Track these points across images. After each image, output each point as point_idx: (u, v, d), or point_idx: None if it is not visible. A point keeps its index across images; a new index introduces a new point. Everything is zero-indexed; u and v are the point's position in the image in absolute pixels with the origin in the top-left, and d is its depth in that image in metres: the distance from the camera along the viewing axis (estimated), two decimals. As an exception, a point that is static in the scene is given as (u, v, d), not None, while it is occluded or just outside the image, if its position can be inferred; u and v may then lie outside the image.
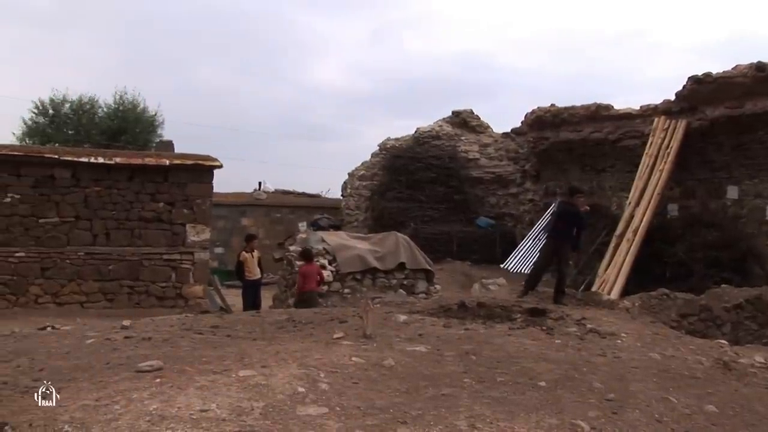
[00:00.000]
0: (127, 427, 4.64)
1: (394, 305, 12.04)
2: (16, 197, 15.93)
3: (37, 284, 15.83)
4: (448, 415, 5.08)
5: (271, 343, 7.72)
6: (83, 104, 36.17)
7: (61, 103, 35.89)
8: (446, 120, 30.30)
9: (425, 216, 26.16)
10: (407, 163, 27.59)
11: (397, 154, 28.72)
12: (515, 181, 27.61)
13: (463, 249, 24.76)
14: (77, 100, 36.16)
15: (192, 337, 8.38)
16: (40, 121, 35.55)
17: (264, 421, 4.82)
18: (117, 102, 36.56)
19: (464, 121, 30.09)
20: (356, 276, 15.41)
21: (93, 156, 16.63)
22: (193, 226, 16.82)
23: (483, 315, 10.18)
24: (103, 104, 36.79)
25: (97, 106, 36.70)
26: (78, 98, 36.23)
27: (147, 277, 16.48)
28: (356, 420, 4.93)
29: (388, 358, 6.78)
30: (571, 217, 12.35)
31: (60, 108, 35.84)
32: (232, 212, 29.75)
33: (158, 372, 6.14)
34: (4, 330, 11.22)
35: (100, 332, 9.20)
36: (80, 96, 36.47)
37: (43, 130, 34.87)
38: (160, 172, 16.77)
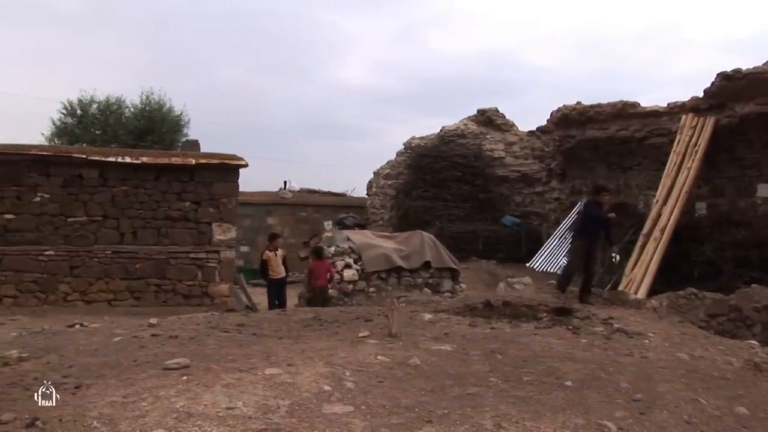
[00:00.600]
0: (155, 423, 4.68)
1: (419, 304, 12.03)
2: (46, 197, 16.08)
3: (66, 282, 15.98)
4: (473, 415, 5.06)
5: (297, 342, 7.74)
6: (110, 104, 36.54)
7: (89, 103, 36.29)
8: (471, 118, 30.21)
9: (450, 215, 26.09)
10: (432, 162, 27.54)
11: (422, 152, 28.66)
12: (541, 180, 27.48)
13: (489, 248, 24.67)
14: (104, 100, 36.60)
15: (218, 336, 8.42)
16: (68, 122, 35.93)
17: (290, 419, 4.83)
18: (143, 102, 36.95)
19: (489, 120, 29.99)
20: (381, 275, 15.40)
21: (120, 156, 16.74)
22: (219, 224, 16.88)
23: (509, 314, 10.14)
24: (130, 104, 37.25)
25: (124, 106, 37.13)
26: (105, 99, 36.69)
27: (173, 275, 16.56)
28: (382, 419, 4.93)
29: (414, 357, 6.78)
30: (597, 217, 12.29)
31: (88, 108, 36.21)
32: (257, 211, 29.86)
33: (185, 370, 6.18)
34: (35, 327, 11.37)
35: (128, 330, 9.28)
36: (107, 96, 36.93)
37: (71, 130, 35.22)
38: (186, 171, 16.85)
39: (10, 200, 15.76)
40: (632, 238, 20.52)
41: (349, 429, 4.72)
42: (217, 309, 14.62)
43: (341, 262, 15.12)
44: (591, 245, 12.36)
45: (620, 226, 20.29)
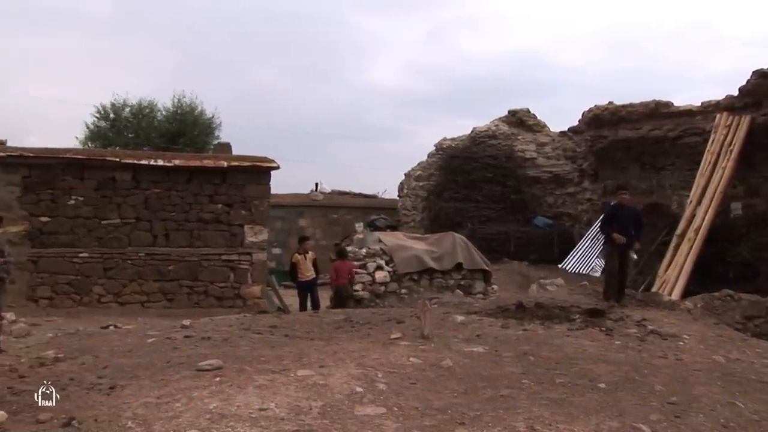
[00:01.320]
0: (188, 424, 4.71)
1: (451, 306, 12.01)
2: (80, 199, 16.25)
3: (100, 284, 16.13)
4: (506, 417, 5.04)
5: (329, 343, 7.76)
6: (143, 108, 36.87)
7: (122, 107, 36.65)
8: (502, 119, 30.10)
9: (482, 216, 25.99)
10: (464, 163, 27.46)
11: (453, 154, 28.59)
12: (573, 181, 27.30)
13: (521, 249, 24.54)
14: (137, 104, 36.94)
15: (251, 337, 8.47)
16: (101, 125, 36.29)
17: (322, 421, 4.84)
18: (175, 105, 37.20)
19: (521, 120, 29.86)
20: (413, 276, 15.37)
21: (153, 158, 16.87)
22: (251, 227, 16.95)
23: (541, 315, 10.08)
24: (162, 108, 37.53)
25: (156, 109, 37.42)
26: (138, 102, 37.02)
27: (206, 277, 16.66)
28: (414, 420, 4.93)
29: (446, 359, 6.77)
30: (622, 217, 12.17)
31: (120, 112, 36.56)
32: (289, 213, 29.94)
33: (218, 371, 6.22)
34: (70, 328, 11.50)
35: (161, 331, 9.36)
36: (140, 100, 37.26)
37: (104, 133, 35.57)
38: (218, 173, 16.95)
39: (46, 203, 15.95)
40: (666, 239, 20.32)
41: (381, 431, 4.72)
42: (250, 311, 14.68)
43: (373, 264, 15.11)
44: (621, 247, 12.11)
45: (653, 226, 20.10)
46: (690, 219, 19.30)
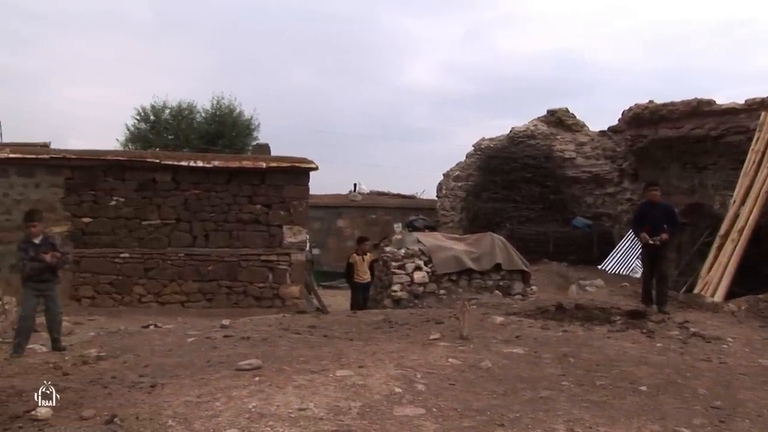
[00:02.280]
0: (228, 423, 4.74)
1: (490, 306, 11.96)
2: (121, 200, 16.45)
3: (140, 284, 16.31)
4: (546, 419, 5.01)
5: (367, 344, 7.76)
6: (182, 110, 37.25)
7: (162, 109, 37.08)
8: (541, 119, 29.88)
9: (521, 216, 25.81)
10: (502, 163, 27.28)
11: (492, 154, 28.44)
12: (612, 180, 26.99)
13: (560, 250, 24.32)
14: (176, 106, 37.35)
15: (290, 337, 8.50)
16: (141, 127, 36.73)
17: (361, 421, 4.85)
18: (214, 107, 37.50)
19: (559, 120, 29.62)
20: (452, 277, 15.31)
21: (192, 160, 17.02)
22: (290, 227, 17.02)
23: (581, 317, 10.00)
24: (201, 109, 37.88)
25: (195, 111, 37.77)
26: (177, 104, 37.45)
27: (245, 277, 16.75)
28: (453, 421, 4.92)
29: (485, 360, 6.74)
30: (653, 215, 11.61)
31: (160, 114, 36.97)
32: (328, 214, 30.04)
33: (257, 371, 6.26)
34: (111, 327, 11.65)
35: (201, 331, 9.44)
36: (179, 102, 37.68)
37: (144, 135, 35.99)
38: (256, 174, 17.03)
39: (88, 204, 16.17)
40: (708, 240, 20.01)
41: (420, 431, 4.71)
42: (288, 311, 14.75)
43: (411, 265, 15.08)
44: (652, 247, 11.51)
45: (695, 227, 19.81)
46: (733, 219, 18.96)
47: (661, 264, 11.72)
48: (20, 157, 16.26)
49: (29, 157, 16.32)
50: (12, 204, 16.05)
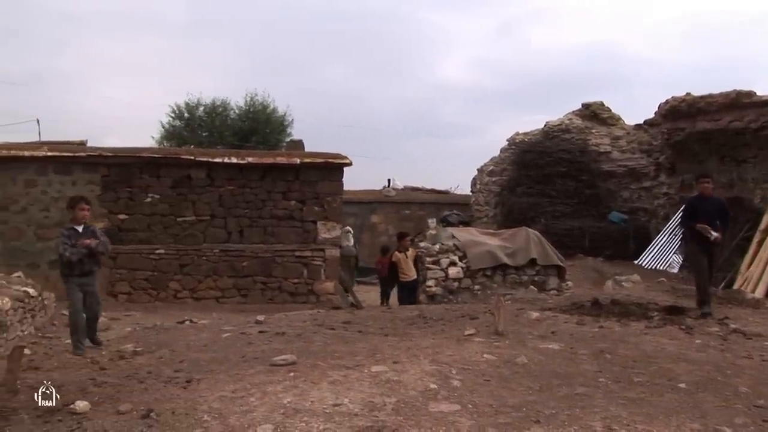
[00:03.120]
0: (263, 419, 4.75)
1: (525, 302, 11.90)
2: (156, 197, 16.59)
3: (176, 280, 16.44)
4: (582, 416, 4.95)
5: (402, 339, 7.75)
6: (216, 107, 37.39)
7: (196, 106, 37.27)
8: (576, 113, 29.61)
9: (556, 211, 25.61)
10: (537, 158, 27.07)
11: (526, 148, 28.24)
12: (649, 175, 26.70)
13: (595, 244, 24.10)
14: (210, 103, 37.48)
15: (324, 333, 8.52)
16: (176, 125, 36.96)
17: (396, 417, 4.83)
18: (248, 104, 37.63)
19: (594, 114, 29.33)
20: (486, 272, 15.23)
21: (227, 156, 17.11)
22: (324, 223, 17.05)
23: (617, 312, 9.91)
24: (235, 106, 37.99)
25: (229, 108, 37.87)
26: (211, 101, 37.57)
27: (279, 273, 16.81)
28: (488, 418, 4.88)
29: (521, 356, 6.70)
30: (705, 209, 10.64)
31: (195, 111, 37.17)
32: (362, 209, 30.05)
33: (292, 366, 6.27)
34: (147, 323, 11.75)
35: (236, 327, 9.49)
36: (213, 99, 37.80)
37: (179, 133, 36.20)
38: (291, 170, 17.08)
39: (124, 201, 16.33)
40: (747, 234, 19.72)
41: (455, 428, 4.68)
42: (323, 306, 14.78)
43: (446, 260, 15.03)
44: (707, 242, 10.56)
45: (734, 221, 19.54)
46: (774, 213, 18.69)
47: (713, 262, 10.98)
48: (58, 155, 16.48)
49: (66, 155, 16.52)
50: (50, 201, 16.28)
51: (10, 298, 10.23)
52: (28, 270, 14.88)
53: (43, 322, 11.63)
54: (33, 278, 13.05)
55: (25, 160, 16.34)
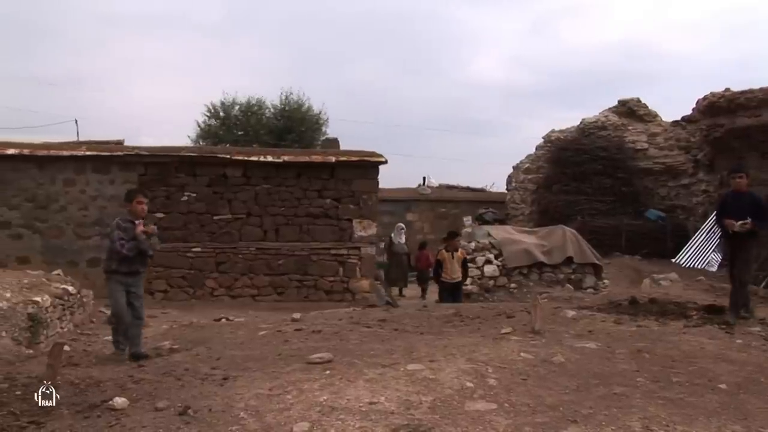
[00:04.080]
0: (299, 417, 4.75)
1: (561, 300, 11.83)
2: (193, 195, 16.72)
3: (212, 278, 16.56)
4: (620, 415, 4.90)
5: (438, 338, 7.73)
6: (251, 106, 37.59)
7: (231, 105, 37.48)
8: (612, 110, 29.38)
9: (592, 209, 25.42)
10: (573, 155, 26.90)
11: (562, 146, 28.08)
12: (687, 172, 26.41)
13: (632, 243, 23.90)
14: (246, 102, 37.70)
15: (360, 331, 8.52)
16: (212, 124, 37.23)
17: (432, 416, 4.81)
18: (283, 102, 37.73)
19: (631, 111, 29.07)
20: (522, 270, 15.19)
21: (262, 155, 17.19)
22: (360, 221, 17.07)
23: (655, 311, 9.79)
24: (270, 105, 38.13)
25: (265, 107, 38.04)
26: (246, 100, 37.78)
27: (315, 271, 16.86)
28: (525, 417, 4.85)
29: (557, 355, 6.64)
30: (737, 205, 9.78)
31: (230, 110, 37.40)
32: (397, 207, 29.99)
33: (328, 364, 6.27)
34: (184, 320, 11.84)
35: (272, 324, 9.52)
36: (248, 98, 38.01)
37: (215, 132, 36.45)
38: (326, 168, 17.13)
39: (161, 200, 16.45)
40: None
41: (492, 427, 4.65)
42: (358, 304, 14.79)
43: (482, 258, 15.00)
44: (735, 244, 9.89)
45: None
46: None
47: (741, 256, 9.96)
48: (96, 154, 16.69)
49: (104, 154, 16.72)
50: (88, 200, 16.49)
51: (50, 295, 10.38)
52: (68, 268, 15.09)
53: (82, 319, 11.78)
54: (72, 276, 13.21)
55: (65, 160, 16.57)
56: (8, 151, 16.42)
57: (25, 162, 16.46)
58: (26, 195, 16.40)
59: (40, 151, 16.69)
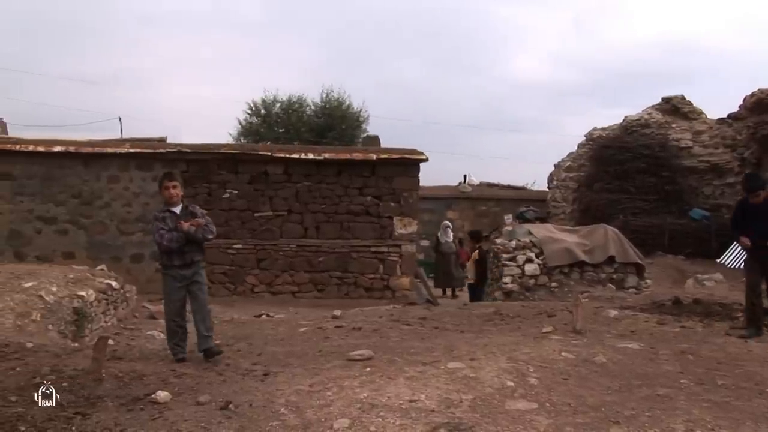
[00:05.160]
0: (339, 413, 4.77)
1: (603, 300, 11.73)
2: (234, 192, 16.85)
3: (253, 274, 16.68)
4: (664, 418, 4.84)
5: (478, 336, 7.70)
6: (292, 103, 37.77)
7: (272, 103, 37.70)
8: (655, 107, 29.01)
9: (635, 208, 25.10)
10: (615, 153, 26.59)
11: (604, 144, 27.79)
12: (733, 170, 25.97)
13: (675, 242, 23.56)
14: (287, 99, 37.90)
15: (401, 328, 8.52)
16: (253, 121, 37.49)
17: (472, 414, 4.80)
18: (323, 100, 37.89)
19: (675, 108, 28.68)
20: (564, 270, 15.02)
21: (303, 152, 17.28)
22: (400, 219, 17.07)
23: (700, 312, 9.66)
24: (311, 102, 38.29)
25: (305, 104, 38.20)
26: (287, 98, 37.99)
27: (355, 268, 16.90)
28: (566, 417, 4.81)
29: (599, 355, 6.59)
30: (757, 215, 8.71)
31: (271, 108, 37.61)
32: (437, 205, 29.93)
33: (368, 361, 6.28)
34: (225, 316, 11.93)
35: (312, 321, 9.56)
36: (289, 96, 38.22)
37: (256, 129, 36.68)
38: (367, 166, 17.15)
39: (202, 197, 16.60)
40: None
41: (532, 426, 4.63)
42: (398, 302, 14.80)
43: (522, 256, 14.87)
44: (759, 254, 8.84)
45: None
46: None
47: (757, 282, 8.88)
48: (139, 151, 16.90)
49: (147, 151, 16.93)
50: (132, 197, 16.72)
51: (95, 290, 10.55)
52: (111, 263, 15.33)
53: (125, 313, 11.94)
54: (115, 271, 13.41)
55: (109, 157, 16.82)
56: (55, 148, 16.72)
57: (71, 159, 16.74)
58: (72, 191, 16.68)
59: (85, 148, 16.95)
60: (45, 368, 6.07)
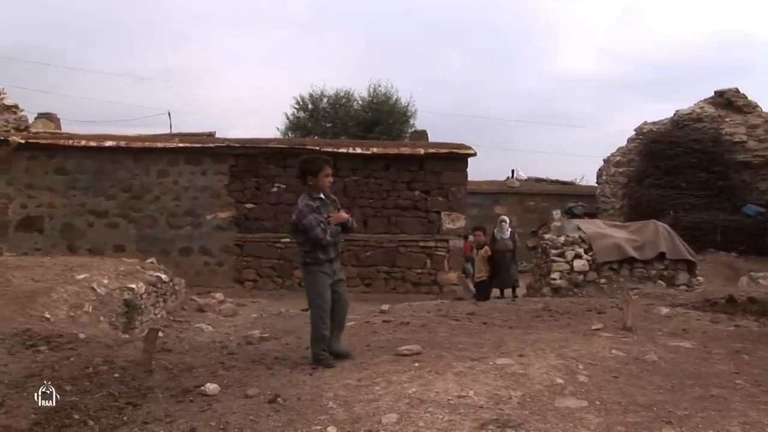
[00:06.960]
0: (387, 408, 4.76)
1: (653, 297, 11.55)
2: (282, 187, 16.98)
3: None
4: (718, 419, 4.72)
5: (527, 332, 7.63)
6: (339, 98, 38.00)
7: (320, 98, 38.00)
8: (708, 101, 28.49)
9: (686, 204, 24.71)
10: (666, 148, 26.19)
11: (654, 138, 27.37)
12: (789, 166, 25.48)
13: (728, 239, 23.14)
14: (334, 94, 38.19)
15: (449, 324, 8.48)
16: (300, 116, 37.78)
17: (521, 411, 4.76)
18: (371, 95, 38.09)
19: (728, 102, 28.13)
20: (613, 266, 14.83)
21: (351, 147, 17.34)
22: (448, 213, 17.05)
23: (755, 311, 9.44)
24: (358, 97, 38.57)
25: (353, 99, 38.45)
26: (335, 93, 38.28)
27: (403, 263, 16.91)
28: (617, 416, 4.74)
29: (650, 353, 6.48)
30: None
31: (318, 103, 37.89)
32: (485, 200, 29.82)
33: (417, 356, 6.26)
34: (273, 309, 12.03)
35: (360, 316, 9.56)
36: (337, 90, 38.49)
37: (303, 124, 36.97)
38: (414, 161, 17.14)
39: (251, 191, 16.76)
40: None
41: (582, 425, 4.57)
42: (446, 297, 14.76)
43: (571, 252, 14.72)
44: None
45: None
46: None
47: None
48: (188, 146, 17.12)
49: (196, 146, 17.13)
50: (181, 191, 16.93)
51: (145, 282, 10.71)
52: (161, 256, 15.55)
53: (174, 306, 12.10)
54: (164, 264, 13.61)
55: (159, 152, 17.07)
56: (106, 143, 17.01)
57: (122, 154, 17.02)
58: (122, 185, 16.97)
59: (135, 143, 17.20)
60: (97, 359, 6.17)
